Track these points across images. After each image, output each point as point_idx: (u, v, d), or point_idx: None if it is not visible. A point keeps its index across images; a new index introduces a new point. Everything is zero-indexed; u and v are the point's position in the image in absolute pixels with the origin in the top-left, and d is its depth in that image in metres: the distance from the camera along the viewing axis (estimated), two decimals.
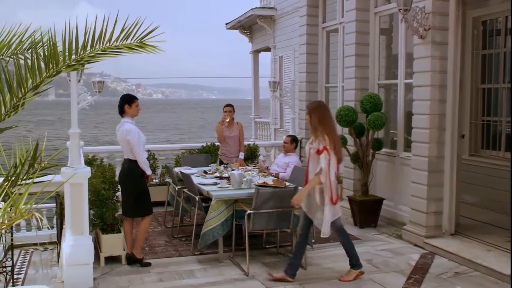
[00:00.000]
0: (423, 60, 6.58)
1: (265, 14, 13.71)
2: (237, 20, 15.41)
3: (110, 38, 2.24)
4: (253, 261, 6.02)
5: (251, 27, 15.78)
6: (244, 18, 14.53)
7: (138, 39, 2.26)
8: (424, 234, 6.58)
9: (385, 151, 7.90)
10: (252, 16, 13.75)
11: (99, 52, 2.29)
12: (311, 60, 9.97)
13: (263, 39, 14.74)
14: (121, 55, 2.34)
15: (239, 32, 16.68)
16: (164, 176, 9.04)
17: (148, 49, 2.30)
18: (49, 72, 2.29)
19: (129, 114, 5.88)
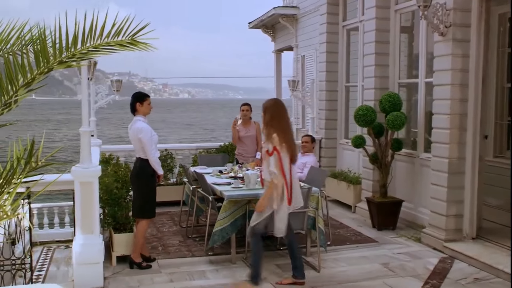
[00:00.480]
0: (444, 58, 6.38)
1: (287, 13, 13.56)
2: (259, 19, 15.31)
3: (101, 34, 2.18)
4: (266, 263, 5.89)
5: (273, 26, 15.66)
6: (267, 17, 14.41)
7: (130, 36, 2.19)
8: (443, 237, 6.38)
9: (405, 151, 7.71)
10: (275, 15, 13.63)
11: (91, 49, 2.23)
12: (331, 59, 9.82)
13: (285, 38, 14.61)
14: (114, 52, 2.27)
15: (262, 31, 16.58)
16: (181, 175, 9.01)
17: (140, 46, 2.23)
18: (40, 69, 2.24)
19: (141, 112, 5.83)
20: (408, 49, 8.14)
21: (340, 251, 6.47)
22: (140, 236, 5.74)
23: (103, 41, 2.21)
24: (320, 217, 6.01)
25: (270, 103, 5.21)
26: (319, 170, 7.21)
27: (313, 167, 7.29)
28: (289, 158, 4.99)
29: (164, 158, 9.09)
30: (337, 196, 9.11)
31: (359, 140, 7.66)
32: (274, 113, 5.09)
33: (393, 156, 7.58)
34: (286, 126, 5.10)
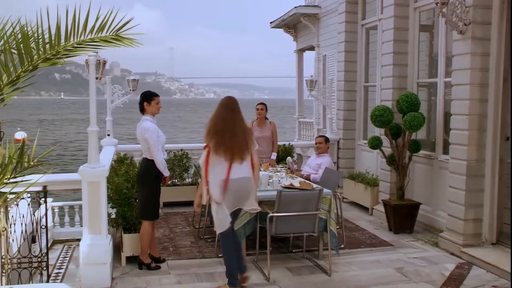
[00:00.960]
0: (463, 57, 6.17)
1: (309, 12, 13.41)
2: (281, 18, 15.19)
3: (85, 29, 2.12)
4: (277, 266, 5.82)
5: (295, 25, 15.52)
6: (288, 17, 14.28)
7: (114, 31, 2.12)
8: (461, 242, 6.18)
9: (424, 153, 7.50)
10: (296, 14, 13.49)
11: (75, 45, 2.17)
12: (350, 58, 9.65)
13: (307, 37, 14.46)
14: (99, 48, 2.21)
15: (283, 31, 16.45)
16: (196, 175, 8.96)
17: (126, 42, 2.16)
18: (24, 67, 2.19)
19: (149, 112, 5.76)
20: (428, 48, 7.92)
21: (354, 254, 6.32)
22: (144, 238, 5.67)
23: (86, 37, 2.15)
24: (332, 219, 5.88)
25: (221, 100, 5.20)
26: (333, 171, 7.06)
27: (327, 169, 7.15)
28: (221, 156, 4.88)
29: (180, 158, 9.08)
30: (354, 198, 8.94)
31: (375, 141, 7.49)
32: (216, 111, 5.07)
33: (410, 157, 7.38)
34: (223, 127, 4.95)
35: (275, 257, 6.15)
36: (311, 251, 6.29)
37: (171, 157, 9.10)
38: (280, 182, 6.27)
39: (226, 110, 5.03)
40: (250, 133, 5.08)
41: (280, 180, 6.34)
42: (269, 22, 16.80)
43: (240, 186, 4.90)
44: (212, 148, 4.90)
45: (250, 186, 4.97)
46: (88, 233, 5.09)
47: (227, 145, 4.87)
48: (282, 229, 5.55)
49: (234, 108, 5.06)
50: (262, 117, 8.02)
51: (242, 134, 4.96)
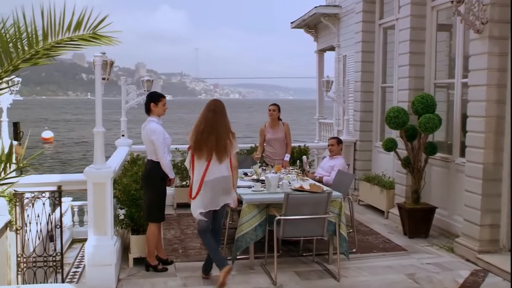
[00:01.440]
0: (480, 57, 5.98)
1: (329, 12, 13.26)
2: (301, 18, 15.06)
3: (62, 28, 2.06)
4: (285, 269, 5.73)
5: (316, 26, 15.38)
6: (308, 17, 14.15)
7: (91, 29, 2.07)
8: (477, 248, 5.98)
9: (440, 156, 7.30)
10: (316, 14, 13.35)
11: (54, 44, 2.12)
12: (367, 58, 9.48)
13: (327, 38, 14.32)
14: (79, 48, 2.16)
15: (304, 31, 16.33)
16: None
17: (104, 40, 2.11)
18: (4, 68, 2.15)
19: (155, 113, 5.72)
20: (446, 48, 7.72)
21: (365, 259, 6.18)
22: (151, 240, 5.63)
23: (64, 35, 2.10)
24: (342, 223, 5.75)
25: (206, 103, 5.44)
26: (346, 174, 6.92)
27: (340, 171, 7.01)
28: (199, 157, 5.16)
29: None
30: (370, 201, 8.78)
31: (390, 143, 7.32)
32: (201, 113, 5.31)
33: (426, 160, 7.20)
34: (204, 127, 5.19)
35: (284, 260, 6.07)
36: (322, 255, 6.17)
37: (185, 157, 9.07)
38: (290, 184, 6.17)
39: (208, 111, 5.24)
40: (230, 135, 5.25)
41: (290, 183, 6.24)
42: (290, 23, 16.70)
43: (215, 186, 5.16)
44: (193, 148, 5.19)
45: (226, 185, 5.23)
46: (94, 234, 5.08)
47: (207, 146, 5.12)
48: (290, 232, 5.44)
49: (216, 109, 5.25)
50: (274, 118, 7.92)
51: (223, 135, 5.17)
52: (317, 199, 5.43)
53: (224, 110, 5.31)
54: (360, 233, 7.28)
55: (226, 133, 5.18)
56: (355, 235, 6.65)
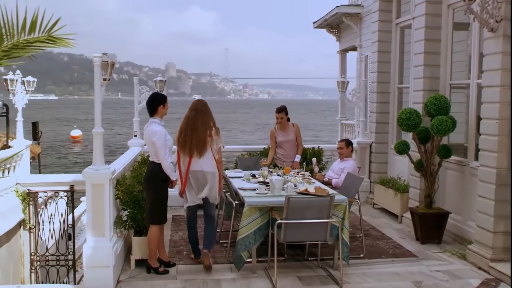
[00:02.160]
0: (493, 57, 5.73)
1: (351, 12, 13.01)
2: (323, 18, 14.86)
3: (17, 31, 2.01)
4: (288, 274, 5.62)
5: (338, 25, 15.14)
6: (330, 17, 13.93)
7: (45, 32, 2.01)
8: (489, 256, 5.74)
9: (455, 159, 7.06)
10: (338, 14, 13.12)
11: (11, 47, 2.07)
12: (384, 58, 9.27)
13: (350, 38, 14.07)
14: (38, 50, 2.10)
15: (326, 31, 16.13)
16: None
17: (62, 43, 2.05)
18: None
19: (160, 115, 5.69)
20: (462, 47, 7.45)
21: (373, 265, 6.01)
22: (152, 242, 5.59)
23: (20, 37, 2.05)
24: (345, 228, 5.59)
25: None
26: (355, 177, 6.74)
27: (349, 174, 6.84)
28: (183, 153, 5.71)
29: None
30: (384, 205, 8.57)
31: (402, 145, 7.12)
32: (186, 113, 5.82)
33: (440, 163, 6.97)
34: (186, 126, 5.73)
35: (289, 265, 5.96)
36: (327, 260, 6.03)
37: None
38: (296, 187, 6.04)
39: (190, 111, 5.77)
40: (212, 131, 5.68)
41: (296, 185, 6.12)
42: (312, 22, 16.52)
43: (196, 179, 5.69)
44: (178, 145, 5.74)
45: (207, 178, 5.69)
46: (92, 235, 5.06)
47: (189, 142, 5.64)
48: (291, 236, 5.32)
49: (197, 109, 5.75)
50: (283, 124, 7.79)
51: (202, 132, 5.62)
52: (319, 203, 5.29)
53: (206, 108, 5.77)
54: (371, 238, 7.10)
55: (205, 130, 5.63)
56: (363, 240, 6.49)
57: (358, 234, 7.21)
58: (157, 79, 9.02)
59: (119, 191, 5.85)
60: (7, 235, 8.01)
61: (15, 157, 8.46)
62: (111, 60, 5.20)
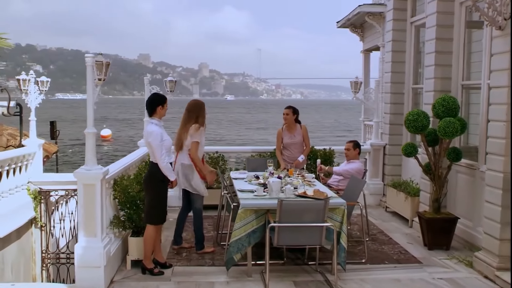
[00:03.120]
0: (501, 56, 5.48)
1: (373, 11, 12.76)
2: (346, 18, 14.63)
3: None
4: (284, 278, 5.50)
5: (362, 25, 14.90)
6: (353, 16, 13.71)
7: None
8: (495, 264, 5.49)
9: (466, 162, 6.81)
10: (360, 13, 12.89)
11: None
12: (398, 58, 9.02)
13: (373, 37, 13.82)
14: None
15: (350, 31, 15.88)
16: None
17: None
18: None
19: (159, 115, 5.67)
20: (476, 46, 7.17)
21: (373, 270, 5.83)
22: (147, 243, 5.56)
23: None
24: (343, 232, 5.44)
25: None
26: (358, 180, 6.57)
27: (353, 177, 6.67)
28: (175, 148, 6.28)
29: (216, 161, 8.94)
30: (396, 208, 8.35)
31: (409, 148, 6.91)
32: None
33: (450, 167, 6.73)
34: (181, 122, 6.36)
35: (287, 268, 5.85)
36: (326, 265, 5.88)
37: (206, 159, 8.98)
38: (295, 189, 5.91)
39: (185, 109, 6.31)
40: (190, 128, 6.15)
41: (297, 187, 5.99)
42: (336, 22, 16.30)
43: (177, 172, 6.23)
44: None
45: (182, 170, 6.23)
46: (83, 235, 5.06)
47: (175, 138, 6.28)
48: (285, 240, 5.21)
49: (188, 108, 6.29)
50: (289, 122, 7.66)
51: (182, 128, 6.24)
52: (313, 206, 5.16)
53: (194, 107, 6.25)
54: (377, 242, 6.92)
55: (185, 126, 6.21)
56: (365, 244, 6.31)
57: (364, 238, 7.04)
58: (168, 79, 9.01)
59: (116, 191, 5.85)
60: (17, 232, 8.15)
61: (27, 155, 8.58)
62: (106, 60, 5.16)
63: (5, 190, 7.85)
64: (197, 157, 6.18)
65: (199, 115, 6.22)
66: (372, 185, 9.37)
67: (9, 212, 7.76)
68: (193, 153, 6.13)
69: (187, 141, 6.16)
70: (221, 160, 8.98)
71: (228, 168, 9.01)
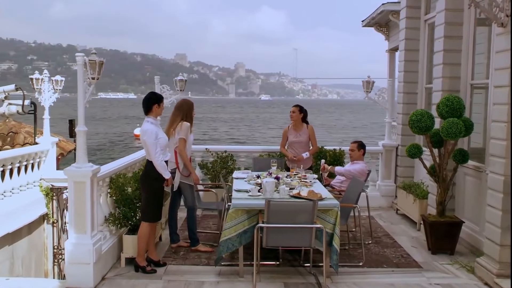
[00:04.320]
0: (503, 54, 5.27)
1: (397, 9, 12.49)
2: (370, 17, 14.37)
3: None
4: (276, 279, 5.44)
5: (387, 23, 14.59)
6: (377, 15, 13.44)
7: None
8: (495, 271, 5.28)
9: (473, 165, 6.58)
10: (384, 11, 12.62)
11: None
12: (411, 57, 8.81)
13: (398, 36, 13.53)
14: None
15: (374, 30, 15.60)
16: None
17: None
18: None
19: (155, 114, 5.70)
20: (486, 45, 6.92)
21: (368, 274, 5.69)
22: (141, 240, 5.59)
23: None
24: (336, 234, 5.33)
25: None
26: (357, 181, 6.43)
27: (353, 178, 6.54)
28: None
29: (225, 160, 8.93)
30: (405, 211, 8.16)
31: (413, 149, 6.73)
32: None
33: (456, 169, 6.52)
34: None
35: (282, 270, 5.78)
36: (318, 267, 5.78)
37: (215, 158, 8.99)
38: (291, 190, 5.84)
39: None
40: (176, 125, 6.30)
41: (293, 188, 5.92)
42: (361, 21, 16.05)
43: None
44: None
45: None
46: (74, 232, 5.12)
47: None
48: (274, 241, 5.14)
49: (177, 106, 6.49)
50: (295, 120, 7.59)
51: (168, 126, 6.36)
52: (302, 207, 5.08)
53: (182, 106, 6.39)
54: (380, 245, 6.77)
55: (171, 125, 6.35)
56: (363, 247, 6.18)
57: (367, 241, 6.91)
58: (177, 78, 9.05)
59: (112, 189, 5.91)
60: (28, 227, 8.36)
61: (39, 153, 8.78)
62: (99, 59, 5.21)
63: (15, 187, 8.06)
64: (185, 153, 6.26)
65: (187, 114, 6.33)
66: (384, 186, 9.19)
67: (20, 208, 7.96)
68: (180, 149, 6.23)
69: (174, 139, 6.24)
70: (230, 159, 8.96)
71: (237, 167, 8.99)
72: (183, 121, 6.28)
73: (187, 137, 6.27)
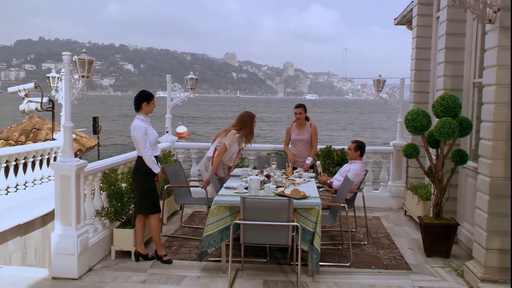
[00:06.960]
0: (491, 52, 5.10)
1: None
2: (402, 14, 14.09)
3: None
4: (256, 277, 5.48)
5: None
6: (407, 12, 13.15)
7: None
8: (480, 275, 5.13)
9: (473, 166, 6.38)
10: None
11: None
12: (422, 56, 8.60)
13: None
14: None
15: (406, 28, 15.29)
16: None
17: None
18: None
19: (144, 111, 5.86)
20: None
21: (352, 275, 5.63)
22: (154, 231, 5.95)
23: None
24: (317, 233, 5.30)
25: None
26: (347, 181, 6.35)
27: (346, 178, 6.47)
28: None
29: None
30: (412, 212, 7.99)
31: (410, 149, 6.59)
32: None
33: (453, 170, 6.35)
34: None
35: (266, 267, 5.82)
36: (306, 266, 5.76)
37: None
38: (278, 188, 5.86)
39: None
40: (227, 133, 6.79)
41: (281, 186, 5.93)
42: (393, 19, 15.77)
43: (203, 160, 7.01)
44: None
45: (205, 161, 6.92)
46: (60, 224, 5.33)
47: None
48: (250, 238, 5.18)
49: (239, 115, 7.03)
50: (302, 121, 7.62)
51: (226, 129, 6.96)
52: (277, 205, 5.08)
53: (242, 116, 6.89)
54: (376, 246, 6.68)
55: (225, 129, 6.96)
56: (350, 247, 6.12)
57: (363, 241, 6.84)
58: (188, 76, 9.20)
59: (103, 184, 6.11)
60: (42, 219, 8.70)
61: (55, 148, 9.13)
62: (88, 58, 5.40)
63: (29, 180, 8.42)
64: (218, 158, 6.72)
65: (244, 125, 6.81)
66: (395, 187, 9.02)
67: (33, 201, 8.31)
68: (218, 153, 6.73)
69: (220, 140, 6.78)
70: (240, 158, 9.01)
71: (245, 165, 9.04)
72: (238, 130, 6.75)
73: (230, 145, 6.72)
